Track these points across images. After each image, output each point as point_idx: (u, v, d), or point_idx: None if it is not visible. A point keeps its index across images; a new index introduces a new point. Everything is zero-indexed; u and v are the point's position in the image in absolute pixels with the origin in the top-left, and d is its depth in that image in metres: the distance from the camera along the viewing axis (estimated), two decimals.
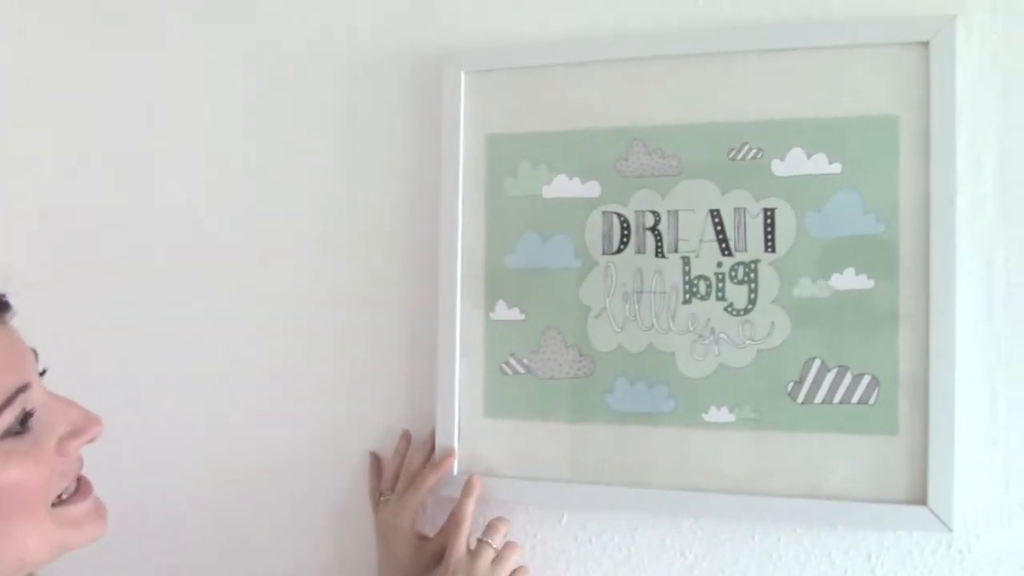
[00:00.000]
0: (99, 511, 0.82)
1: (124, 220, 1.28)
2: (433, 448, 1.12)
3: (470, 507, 1.07)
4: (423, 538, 1.10)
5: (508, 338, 1.11)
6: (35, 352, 0.80)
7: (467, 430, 1.12)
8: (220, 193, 1.24)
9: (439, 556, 1.08)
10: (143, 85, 1.28)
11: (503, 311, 1.11)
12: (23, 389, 0.75)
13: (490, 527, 1.07)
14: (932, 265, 0.98)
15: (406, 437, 1.15)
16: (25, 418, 0.75)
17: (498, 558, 1.06)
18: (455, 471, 1.11)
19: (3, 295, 0.77)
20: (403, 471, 1.13)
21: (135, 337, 1.26)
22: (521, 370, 1.11)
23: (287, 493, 1.21)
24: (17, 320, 0.78)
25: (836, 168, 1.02)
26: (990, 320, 1.00)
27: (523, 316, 1.11)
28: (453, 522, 1.07)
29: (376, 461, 1.17)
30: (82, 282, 1.29)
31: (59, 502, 0.78)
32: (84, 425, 0.79)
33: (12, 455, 0.74)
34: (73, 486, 0.80)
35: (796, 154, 1.03)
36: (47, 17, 1.32)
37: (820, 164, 1.02)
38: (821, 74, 1.02)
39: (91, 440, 0.80)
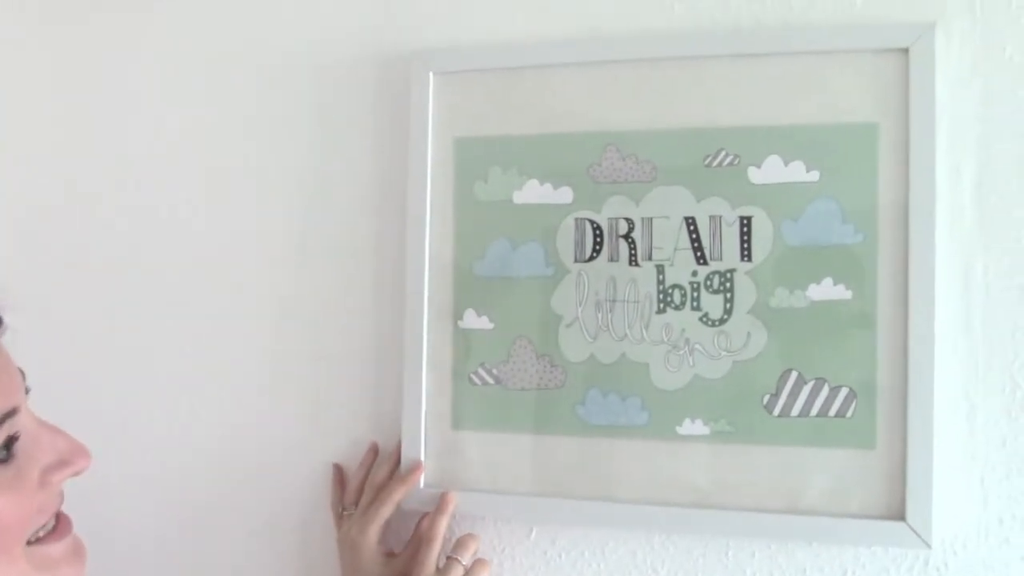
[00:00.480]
0: (77, 551, 0.75)
1: (88, 222, 1.23)
2: (399, 461, 1.08)
3: (442, 524, 1.04)
4: (389, 554, 1.07)
5: (477, 347, 1.08)
6: (22, 372, 0.73)
7: (434, 442, 1.08)
8: (178, 199, 1.20)
9: (405, 572, 1.04)
10: (110, 88, 1.23)
11: (472, 320, 1.08)
12: (10, 414, 0.69)
13: (459, 544, 1.04)
14: (911, 276, 0.96)
15: (374, 449, 1.11)
16: (9, 444, 0.69)
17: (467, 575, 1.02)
18: (422, 484, 1.08)
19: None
20: (367, 484, 1.10)
21: (89, 348, 1.21)
22: (490, 380, 1.07)
23: (250, 506, 1.17)
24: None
25: (814, 176, 1.00)
26: (968, 333, 0.98)
27: (492, 325, 1.07)
28: (424, 539, 1.03)
29: (339, 473, 1.13)
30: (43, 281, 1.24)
31: (35, 540, 0.72)
32: (71, 456, 0.73)
33: None
34: (52, 523, 0.74)
35: (773, 161, 1.01)
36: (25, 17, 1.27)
37: (798, 172, 1.00)
38: (799, 80, 1.00)
39: (77, 473, 0.74)
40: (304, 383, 1.15)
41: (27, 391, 0.74)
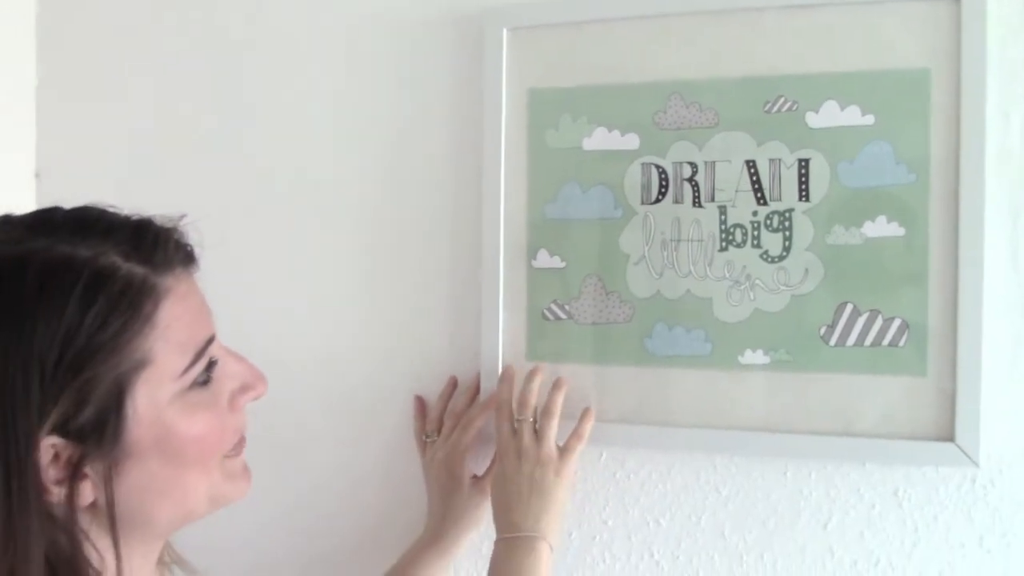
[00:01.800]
0: (247, 469, 0.84)
1: (195, 161, 1.33)
2: (478, 391, 1.17)
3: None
4: (472, 476, 1.15)
5: (550, 285, 1.16)
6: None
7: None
8: (269, 150, 1.29)
9: (488, 492, 1.13)
10: (196, 50, 1.33)
11: (545, 259, 1.16)
12: (211, 341, 0.78)
13: (521, 405, 1.11)
14: (961, 214, 1.02)
15: (452, 383, 1.20)
16: (210, 368, 0.78)
17: (540, 428, 1.09)
18: None
19: (191, 247, 0.79)
20: (447, 413, 1.18)
21: None
22: (562, 315, 1.15)
23: (338, 436, 1.27)
24: None
25: (869, 120, 1.06)
26: (1016, 268, 1.04)
27: (564, 264, 1.15)
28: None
29: (420, 404, 1.22)
30: None
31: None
32: (253, 381, 0.82)
33: (198, 407, 0.76)
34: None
35: (830, 106, 1.07)
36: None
37: (853, 116, 1.06)
38: (855, 28, 1.06)
39: (257, 397, 0.82)
40: (387, 321, 1.24)
41: None
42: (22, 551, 0.68)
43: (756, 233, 1.09)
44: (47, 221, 0.74)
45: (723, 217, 1.10)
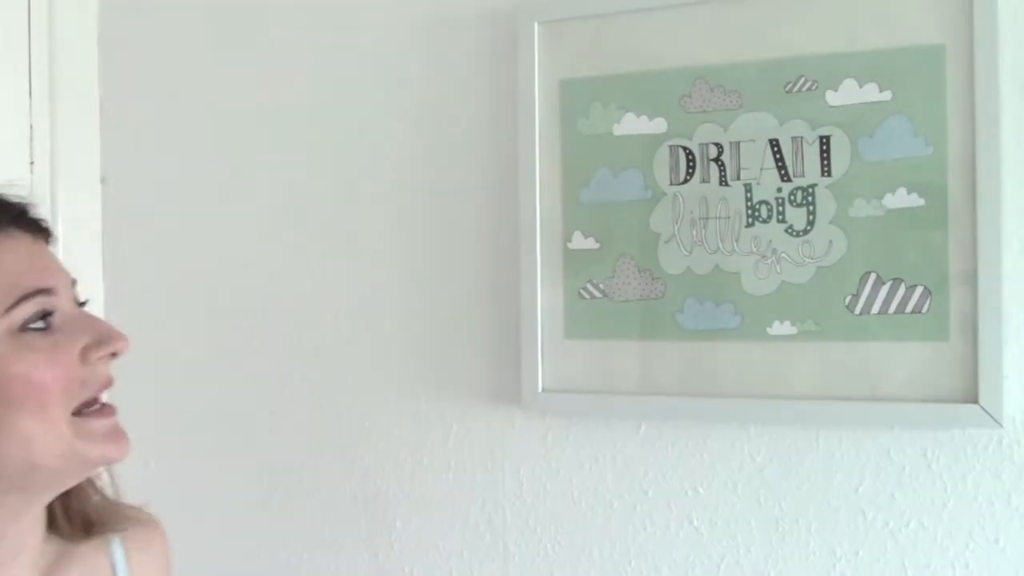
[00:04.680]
0: (117, 435, 0.84)
1: (245, 156, 1.42)
2: None
3: None
4: None
5: (585, 265, 1.21)
6: (74, 280, 0.86)
7: (549, 350, 1.22)
8: (317, 145, 1.37)
9: None
10: (246, 58, 1.42)
11: (580, 241, 1.21)
12: (44, 292, 0.80)
13: None
14: (978, 183, 1.06)
15: None
16: (44, 316, 0.80)
17: None
18: (540, 388, 1.22)
19: (43, 221, 0.85)
20: None
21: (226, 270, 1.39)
22: (598, 294, 1.20)
23: (393, 412, 1.34)
24: None
25: (887, 96, 1.10)
26: None
27: (598, 245, 1.21)
28: None
29: None
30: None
31: (80, 413, 0.82)
32: (107, 338, 0.83)
33: (30, 349, 0.79)
34: (98, 405, 0.85)
35: (849, 84, 1.11)
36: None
37: (871, 93, 1.10)
38: (871, 7, 1.10)
39: (115, 354, 0.83)
40: (432, 305, 1.31)
41: (74, 283, 0.87)
42: None
43: (781, 208, 1.14)
44: None
45: (749, 194, 1.15)
